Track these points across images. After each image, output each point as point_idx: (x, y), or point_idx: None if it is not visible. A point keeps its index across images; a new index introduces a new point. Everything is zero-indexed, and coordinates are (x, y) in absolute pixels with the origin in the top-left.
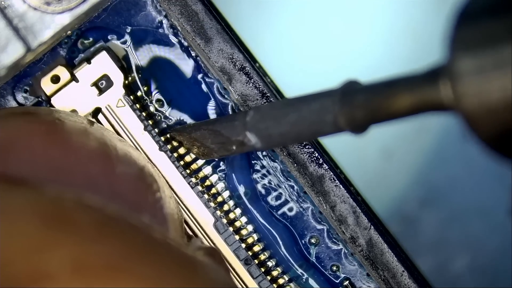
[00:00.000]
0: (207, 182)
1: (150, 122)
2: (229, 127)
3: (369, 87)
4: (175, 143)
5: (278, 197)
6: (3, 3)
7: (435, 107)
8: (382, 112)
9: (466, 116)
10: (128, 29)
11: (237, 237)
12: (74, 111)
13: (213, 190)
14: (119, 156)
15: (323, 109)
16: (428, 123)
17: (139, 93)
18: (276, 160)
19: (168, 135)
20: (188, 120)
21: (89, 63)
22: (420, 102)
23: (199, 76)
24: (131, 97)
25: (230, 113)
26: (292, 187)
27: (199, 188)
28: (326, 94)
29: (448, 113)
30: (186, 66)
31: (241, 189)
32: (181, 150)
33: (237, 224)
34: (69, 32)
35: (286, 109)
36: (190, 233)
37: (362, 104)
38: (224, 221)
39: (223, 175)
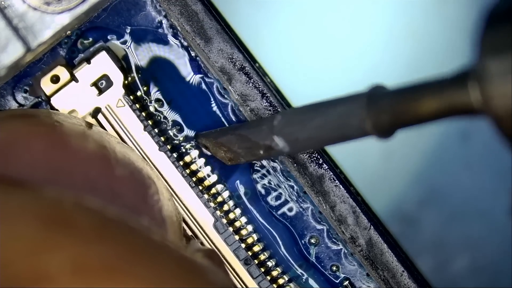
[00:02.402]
0: (207, 182)
1: (150, 122)
2: (256, 132)
3: (396, 91)
4: (175, 143)
5: (278, 197)
6: (3, 3)
7: (464, 110)
8: (409, 116)
9: (496, 119)
10: (128, 29)
11: (237, 237)
12: (74, 111)
13: (213, 190)
14: (118, 159)
15: (350, 113)
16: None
17: (138, 93)
18: (276, 160)
19: (194, 141)
20: (187, 120)
21: (89, 63)
22: (448, 105)
23: (199, 76)
24: (131, 97)
25: (230, 113)
26: (292, 187)
27: (199, 188)
28: (353, 98)
29: (476, 116)
30: (186, 66)
31: (241, 189)
32: (181, 150)
33: (237, 224)
34: (69, 32)
35: (313, 113)
36: (190, 233)
37: (389, 108)
38: (224, 221)
39: (223, 175)
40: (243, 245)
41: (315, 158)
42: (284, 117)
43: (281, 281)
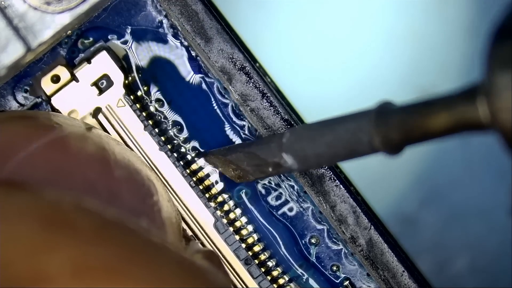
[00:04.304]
0: (207, 182)
1: (150, 122)
2: (265, 149)
3: (405, 107)
4: (175, 143)
5: (278, 197)
6: (3, 3)
7: (473, 125)
8: (418, 132)
9: (504, 134)
10: (128, 29)
11: (237, 237)
12: (74, 111)
13: (214, 190)
14: (117, 160)
15: (359, 130)
16: None
17: (139, 93)
18: None
19: (200, 158)
20: (188, 120)
21: (89, 63)
22: (457, 121)
23: (199, 76)
24: (131, 97)
25: (230, 113)
26: (292, 187)
27: (199, 188)
28: (361, 115)
29: (486, 132)
30: (186, 66)
31: (241, 189)
32: (181, 150)
33: (237, 224)
34: (69, 32)
35: (322, 130)
36: (190, 233)
37: (397, 124)
38: (224, 221)
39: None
40: (243, 245)
41: None
42: (293, 134)
43: (281, 281)
